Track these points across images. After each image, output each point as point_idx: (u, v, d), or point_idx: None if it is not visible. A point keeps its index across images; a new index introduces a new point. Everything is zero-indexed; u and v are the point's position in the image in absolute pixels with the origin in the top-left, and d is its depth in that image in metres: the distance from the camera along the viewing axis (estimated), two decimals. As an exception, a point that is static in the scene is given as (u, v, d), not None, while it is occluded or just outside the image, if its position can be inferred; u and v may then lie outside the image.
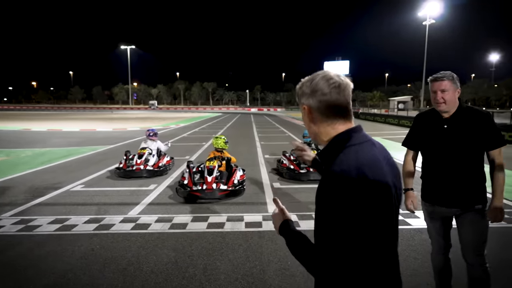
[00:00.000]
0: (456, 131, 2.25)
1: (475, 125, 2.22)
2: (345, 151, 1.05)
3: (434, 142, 2.33)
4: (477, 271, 2.31)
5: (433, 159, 2.34)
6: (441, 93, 2.24)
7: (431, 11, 40.10)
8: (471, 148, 2.23)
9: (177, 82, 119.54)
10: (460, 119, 2.26)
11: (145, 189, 6.38)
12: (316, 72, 1.18)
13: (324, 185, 1.01)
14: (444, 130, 2.29)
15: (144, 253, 3.63)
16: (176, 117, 39.27)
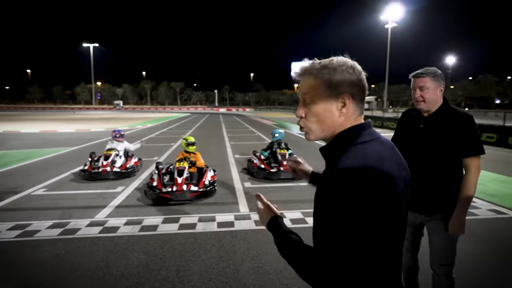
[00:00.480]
0: (431, 132, 2.09)
1: (453, 128, 2.04)
2: (353, 148, 0.96)
3: (408, 141, 2.20)
4: (441, 280, 2.19)
5: (406, 159, 2.29)
6: (420, 91, 2.11)
7: (392, 14, 41.72)
8: (445, 152, 2.06)
9: (143, 81, 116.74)
10: (438, 119, 2.10)
11: (112, 191, 6.19)
12: (328, 58, 1.07)
13: (329, 184, 0.91)
14: (419, 129, 2.15)
15: (114, 257, 3.52)
16: (142, 118, 38.32)
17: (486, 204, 5.23)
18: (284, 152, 7.43)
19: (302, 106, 1.08)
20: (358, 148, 0.95)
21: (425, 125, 2.14)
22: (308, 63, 1.08)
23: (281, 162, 7.18)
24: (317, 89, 1.02)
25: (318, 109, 1.02)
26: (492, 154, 10.66)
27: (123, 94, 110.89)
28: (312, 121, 1.04)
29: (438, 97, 2.11)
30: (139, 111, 68.12)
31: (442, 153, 2.06)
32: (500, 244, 3.84)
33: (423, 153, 2.10)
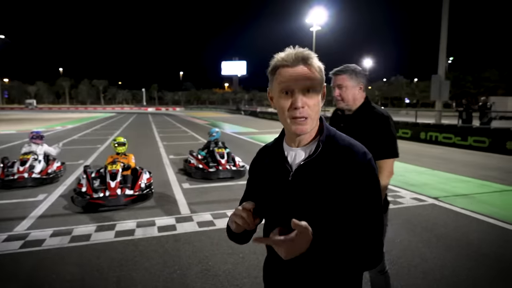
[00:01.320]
0: (350, 131, 2.00)
1: (370, 128, 1.99)
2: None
3: None
4: (377, 278, 2.23)
5: None
6: (338, 89, 2.04)
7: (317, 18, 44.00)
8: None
9: (60, 78, 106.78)
10: (357, 118, 2.05)
11: (33, 200, 5.53)
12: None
13: (365, 168, 1.03)
14: (340, 129, 2.09)
15: (41, 274, 3.13)
16: (61, 118, 35.05)
17: (409, 193, 5.77)
18: (222, 151, 7.36)
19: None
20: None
21: (345, 124, 2.11)
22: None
23: (219, 161, 7.11)
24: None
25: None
26: (408, 148, 11.83)
27: (36, 92, 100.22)
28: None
29: (357, 96, 2.04)
30: (56, 111, 62.12)
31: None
32: (424, 227, 4.26)
33: None
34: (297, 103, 1.01)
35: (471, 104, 15.39)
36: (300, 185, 1.05)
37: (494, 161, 9.08)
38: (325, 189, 1.02)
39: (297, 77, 1.01)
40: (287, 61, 1.02)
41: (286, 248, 0.92)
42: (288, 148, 1.13)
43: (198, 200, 5.50)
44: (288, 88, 1.02)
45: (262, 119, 32.73)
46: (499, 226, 4.27)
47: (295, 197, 1.06)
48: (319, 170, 1.04)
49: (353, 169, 1.01)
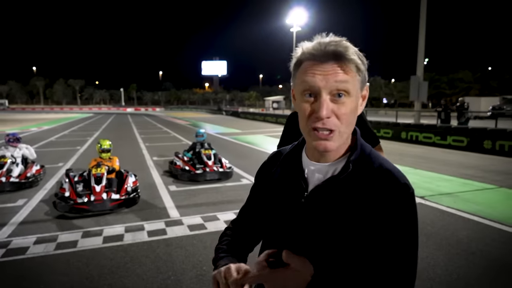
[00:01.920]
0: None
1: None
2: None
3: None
4: None
5: None
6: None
7: (297, 19, 44.34)
8: None
9: (34, 78, 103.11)
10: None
11: (12, 205, 5.29)
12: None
13: (404, 203, 0.80)
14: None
15: (26, 284, 2.99)
16: (36, 119, 33.86)
17: (396, 193, 5.87)
18: (209, 152, 7.27)
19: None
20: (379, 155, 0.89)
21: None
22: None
23: (206, 162, 7.02)
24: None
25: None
26: (390, 148, 12.06)
27: (8, 92, 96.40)
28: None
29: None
30: (30, 111, 60.00)
31: None
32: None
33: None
34: (322, 111, 0.77)
35: (449, 105, 15.85)
36: (315, 210, 0.84)
37: (472, 160, 9.38)
38: (347, 220, 0.80)
39: (325, 75, 0.77)
40: (315, 55, 0.79)
41: (275, 284, 0.74)
42: (308, 162, 0.90)
43: (186, 203, 5.40)
44: (312, 89, 0.78)
45: (244, 119, 32.69)
46: (485, 224, 4.39)
47: (305, 223, 0.85)
48: (342, 196, 0.82)
49: (388, 201, 0.79)
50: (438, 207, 5.09)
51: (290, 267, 0.75)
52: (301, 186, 0.87)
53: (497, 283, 3.05)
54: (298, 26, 46.13)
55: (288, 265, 0.75)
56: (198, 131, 7.94)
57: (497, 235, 4.04)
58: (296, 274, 0.74)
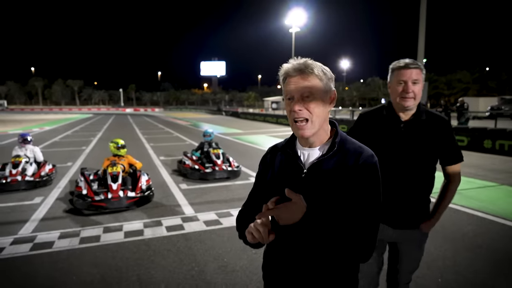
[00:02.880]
0: (413, 136, 1.83)
1: (433, 133, 1.83)
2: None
3: (385, 147, 1.84)
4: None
5: (384, 166, 1.71)
6: (412, 85, 1.77)
7: (296, 20, 44.54)
8: (426, 159, 1.85)
9: (33, 78, 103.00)
10: (418, 122, 1.84)
11: (29, 203, 5.44)
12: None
13: (371, 169, 1.15)
14: (400, 133, 1.85)
15: (59, 275, 3.15)
16: (37, 119, 33.96)
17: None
18: (218, 151, 7.44)
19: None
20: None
21: (406, 128, 1.86)
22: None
23: (215, 161, 7.19)
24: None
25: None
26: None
27: (7, 93, 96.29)
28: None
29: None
30: (29, 112, 60.03)
31: (423, 160, 1.84)
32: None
33: (403, 161, 1.84)
34: (295, 106, 1.14)
35: (449, 105, 16.07)
36: (313, 182, 1.16)
37: (473, 159, 9.58)
38: (335, 186, 1.14)
39: (296, 85, 1.14)
40: (289, 73, 1.16)
41: (281, 214, 1.07)
42: (301, 148, 1.23)
43: (199, 201, 5.57)
44: (290, 93, 1.15)
45: (244, 119, 32.85)
46: (489, 220, 4.58)
47: (307, 193, 1.13)
48: (331, 169, 1.15)
49: (361, 169, 1.13)
50: (443, 204, 5.28)
51: (290, 202, 1.07)
52: (299, 166, 1.20)
53: (504, 273, 3.24)
54: (297, 27, 46.21)
55: (289, 201, 1.07)
56: (206, 131, 8.10)
57: (500, 230, 4.23)
58: (295, 206, 1.07)
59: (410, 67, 1.78)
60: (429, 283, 3.00)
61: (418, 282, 3.00)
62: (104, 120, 32.91)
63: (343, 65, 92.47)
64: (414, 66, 1.78)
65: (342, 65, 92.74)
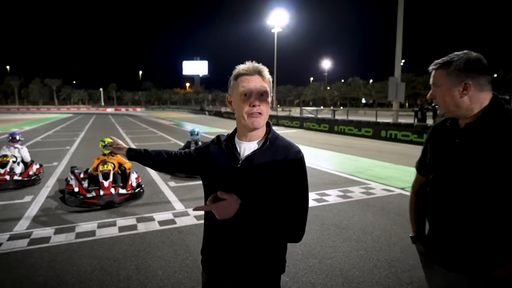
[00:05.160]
0: (471, 148, 1.35)
1: (502, 143, 1.27)
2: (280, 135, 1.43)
3: (440, 164, 1.47)
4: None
5: (437, 190, 1.47)
6: (434, 88, 1.45)
7: (278, 20, 44.96)
8: (492, 178, 1.29)
9: (8, 77, 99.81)
10: (479, 130, 1.34)
11: (20, 201, 5.54)
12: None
13: (300, 163, 1.34)
14: (455, 146, 1.41)
15: (59, 267, 3.33)
16: (15, 119, 33.16)
17: (379, 185, 6.45)
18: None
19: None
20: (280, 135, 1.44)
21: (462, 139, 1.39)
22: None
23: (203, 160, 7.39)
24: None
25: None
26: (371, 145, 12.77)
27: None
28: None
29: (458, 99, 1.36)
30: (5, 112, 58.28)
31: (488, 179, 1.30)
32: (396, 213, 4.89)
33: (461, 180, 1.36)
34: (255, 101, 1.30)
35: (425, 105, 16.76)
36: (247, 172, 1.31)
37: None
38: (267, 176, 1.30)
39: (255, 83, 1.30)
40: (247, 71, 1.32)
41: (217, 210, 1.24)
42: (239, 142, 1.40)
43: (188, 197, 5.80)
44: (248, 90, 1.30)
45: (228, 119, 32.99)
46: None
47: (242, 181, 1.31)
48: (264, 161, 1.31)
49: (289, 162, 1.31)
50: (417, 197, 5.68)
51: (225, 200, 1.23)
52: (236, 157, 1.36)
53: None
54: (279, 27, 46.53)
55: (224, 199, 1.23)
56: (193, 130, 8.31)
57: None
58: (229, 203, 1.23)
59: (432, 69, 1.45)
60: (402, 265, 3.34)
61: (392, 264, 3.35)
62: (85, 120, 32.44)
63: (324, 65, 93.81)
64: (435, 66, 1.43)
65: (323, 65, 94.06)
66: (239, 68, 1.35)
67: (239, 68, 1.35)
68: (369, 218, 4.69)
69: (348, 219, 4.65)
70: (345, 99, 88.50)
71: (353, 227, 4.34)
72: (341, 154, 10.69)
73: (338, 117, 19.74)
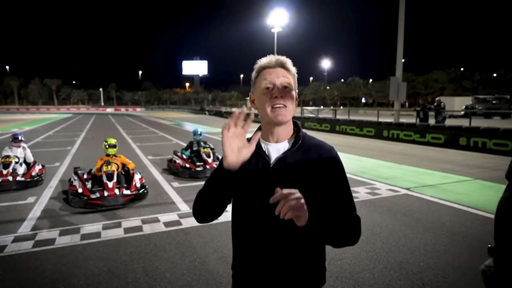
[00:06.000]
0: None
1: None
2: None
3: None
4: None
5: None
6: None
7: (278, 20, 44.93)
8: None
9: (8, 77, 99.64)
10: None
11: (24, 203, 5.49)
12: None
13: (336, 161, 1.24)
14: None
15: (66, 269, 3.29)
16: (14, 120, 33.09)
17: (384, 185, 6.41)
18: (208, 150, 7.63)
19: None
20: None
21: None
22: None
23: (206, 160, 7.37)
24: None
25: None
26: (374, 145, 12.74)
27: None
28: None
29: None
30: (5, 112, 58.20)
31: None
32: (403, 213, 4.85)
33: None
34: (278, 92, 1.18)
35: (427, 104, 16.72)
36: (280, 174, 1.19)
37: (450, 156, 10.11)
38: (302, 177, 1.18)
39: (277, 74, 1.20)
40: (269, 64, 1.22)
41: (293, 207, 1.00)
42: (266, 143, 1.26)
43: (192, 198, 5.64)
44: (270, 82, 1.19)
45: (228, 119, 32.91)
46: (464, 210, 4.97)
47: (275, 185, 1.08)
48: (296, 162, 1.20)
49: (324, 161, 1.21)
50: (423, 197, 5.66)
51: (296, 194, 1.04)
52: (266, 160, 1.23)
53: (477, 256, 3.58)
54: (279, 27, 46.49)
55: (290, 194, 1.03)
56: (196, 130, 8.26)
57: (475, 219, 4.61)
58: (300, 202, 1.02)
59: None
60: (413, 267, 3.30)
61: (402, 266, 3.31)
62: (85, 120, 32.37)
63: (324, 64, 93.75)
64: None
65: (323, 65, 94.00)
66: (261, 62, 1.25)
67: (261, 61, 1.25)
68: (376, 218, 4.65)
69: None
70: (345, 98, 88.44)
71: (361, 228, 4.30)
72: (344, 154, 10.64)
73: (339, 116, 19.69)
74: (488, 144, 10.49)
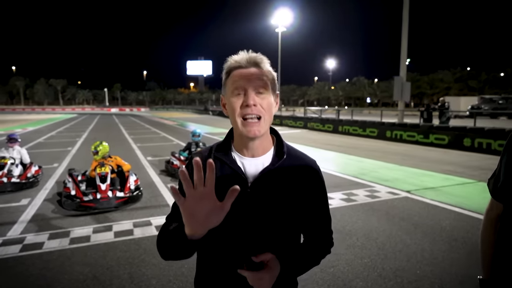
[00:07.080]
0: None
1: None
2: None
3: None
4: None
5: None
6: None
7: (282, 20, 44.78)
8: None
9: (14, 78, 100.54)
10: None
11: (16, 205, 5.43)
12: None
13: (318, 176, 1.13)
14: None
15: (50, 275, 3.21)
16: (19, 120, 33.27)
17: (384, 188, 6.27)
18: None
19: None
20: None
21: None
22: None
23: (203, 162, 7.26)
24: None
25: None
26: (376, 146, 12.57)
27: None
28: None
29: None
30: (10, 112, 58.69)
31: None
32: (402, 217, 4.71)
33: None
34: (249, 100, 0.98)
35: (432, 105, 16.51)
36: (260, 197, 1.03)
37: (453, 157, 9.93)
38: (284, 197, 1.05)
39: (250, 76, 1.00)
40: (241, 63, 1.02)
41: (256, 282, 0.96)
42: (240, 156, 1.08)
43: (188, 200, 5.65)
44: (241, 86, 1.00)
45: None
46: (465, 214, 4.82)
47: (254, 208, 1.02)
48: (277, 181, 1.04)
49: (308, 177, 1.09)
50: (423, 200, 5.51)
51: (265, 271, 0.97)
52: (243, 178, 1.03)
53: (475, 264, 3.44)
54: (283, 27, 46.36)
55: (265, 267, 0.98)
56: (195, 131, 8.17)
57: (476, 224, 4.46)
58: (271, 274, 0.98)
59: None
60: (408, 275, 3.17)
61: (398, 274, 3.18)
62: (89, 120, 32.47)
63: (329, 64, 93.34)
64: None
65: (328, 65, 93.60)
66: (231, 60, 1.04)
67: (231, 60, 1.04)
68: (374, 223, 4.52)
69: (351, 224, 4.48)
70: (349, 98, 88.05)
71: (357, 233, 4.18)
72: (345, 155, 10.51)
73: (342, 117, 19.52)
74: (493, 145, 10.29)
